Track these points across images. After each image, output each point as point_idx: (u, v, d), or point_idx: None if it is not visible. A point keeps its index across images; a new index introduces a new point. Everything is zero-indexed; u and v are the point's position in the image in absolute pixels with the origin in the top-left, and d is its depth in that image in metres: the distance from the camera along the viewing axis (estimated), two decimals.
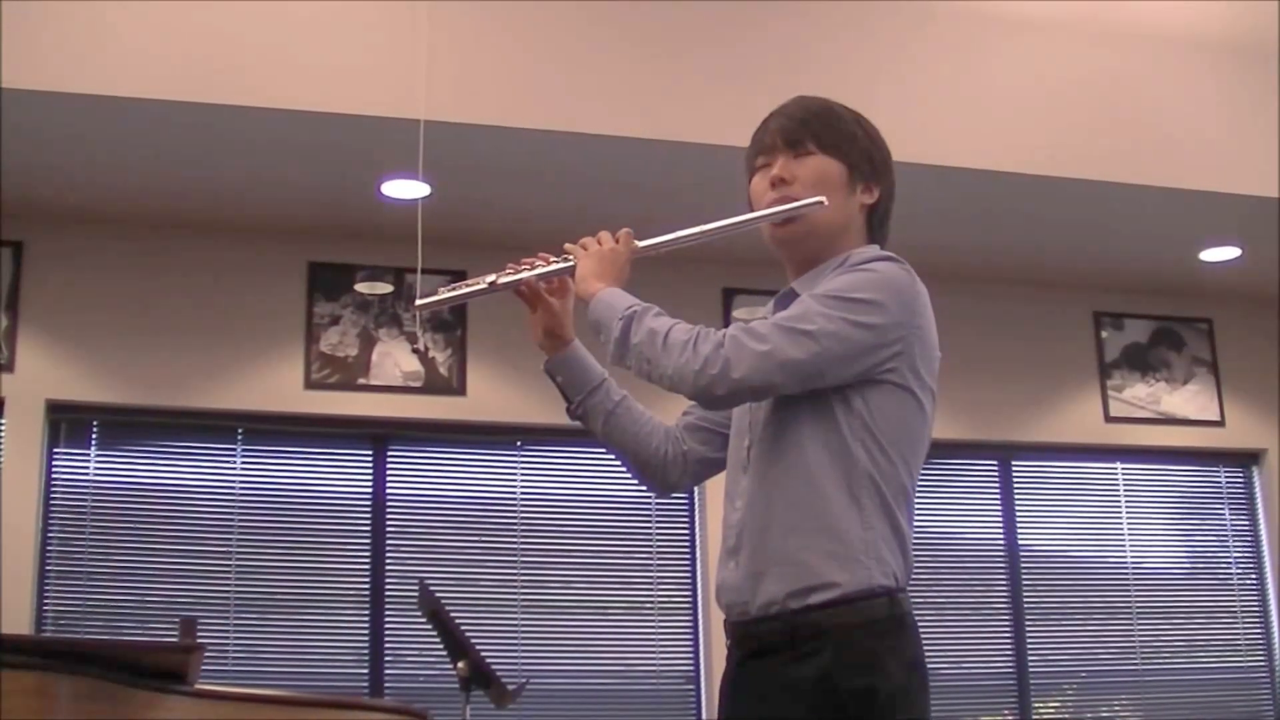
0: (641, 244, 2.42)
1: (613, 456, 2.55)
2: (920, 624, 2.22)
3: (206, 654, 2.41)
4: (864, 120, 2.45)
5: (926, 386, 2.29)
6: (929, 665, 2.21)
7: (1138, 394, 6.94)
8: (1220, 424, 7.00)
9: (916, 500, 2.28)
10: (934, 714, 2.18)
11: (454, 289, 2.44)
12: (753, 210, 2.40)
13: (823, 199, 2.30)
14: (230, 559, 5.77)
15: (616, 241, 2.41)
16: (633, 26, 5.32)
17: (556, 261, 2.41)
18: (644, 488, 2.57)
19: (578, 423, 2.54)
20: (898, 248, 2.39)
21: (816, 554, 2.14)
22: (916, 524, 2.27)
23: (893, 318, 2.20)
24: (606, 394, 2.50)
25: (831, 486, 2.16)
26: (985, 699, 6.47)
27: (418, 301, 2.50)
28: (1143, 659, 6.71)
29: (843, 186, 2.35)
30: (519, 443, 6.16)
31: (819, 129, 2.38)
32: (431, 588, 4.03)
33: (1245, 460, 7.08)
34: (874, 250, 2.33)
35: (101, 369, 5.71)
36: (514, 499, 6.15)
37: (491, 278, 2.40)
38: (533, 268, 2.43)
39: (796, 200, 2.32)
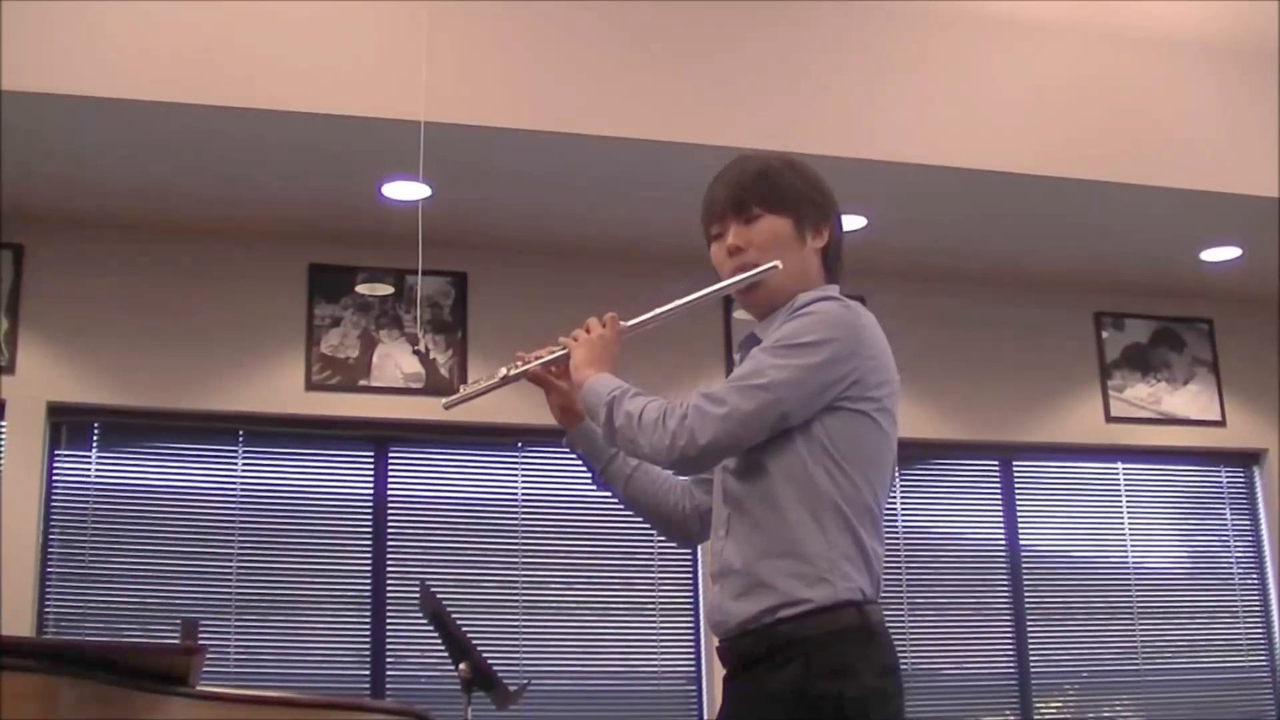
0: (626, 324, 2.59)
1: (645, 531, 2.74)
2: (921, 624, 2.31)
3: (208, 656, 2.41)
4: (800, 167, 2.57)
5: (884, 409, 2.40)
6: (930, 666, 2.26)
7: (1138, 394, 6.94)
8: (1221, 424, 7.01)
9: (917, 500, 2.40)
10: (936, 714, 2.21)
11: (475, 384, 2.65)
12: (719, 275, 2.56)
13: (777, 263, 2.46)
14: (231, 561, 5.77)
15: (604, 325, 2.58)
16: (633, 28, 5.33)
17: (556, 350, 2.62)
18: (674, 544, 2.74)
19: (607, 492, 2.73)
20: (899, 249, 2.42)
21: (785, 576, 2.30)
22: (918, 525, 2.34)
23: (840, 352, 2.34)
24: (624, 460, 2.67)
25: (795, 511, 2.32)
26: (986, 699, 6.46)
27: (443, 401, 2.71)
28: (1144, 659, 6.71)
29: (794, 240, 2.50)
30: (520, 444, 6.16)
31: (762, 191, 2.50)
32: (433, 589, 4.03)
33: (1246, 460, 7.08)
34: (816, 293, 2.44)
35: (102, 371, 5.71)
36: (515, 500, 6.15)
37: (503, 371, 2.63)
38: (539, 358, 2.63)
39: (754, 267, 2.48)
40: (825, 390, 2.32)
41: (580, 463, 2.74)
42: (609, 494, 2.73)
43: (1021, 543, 6.68)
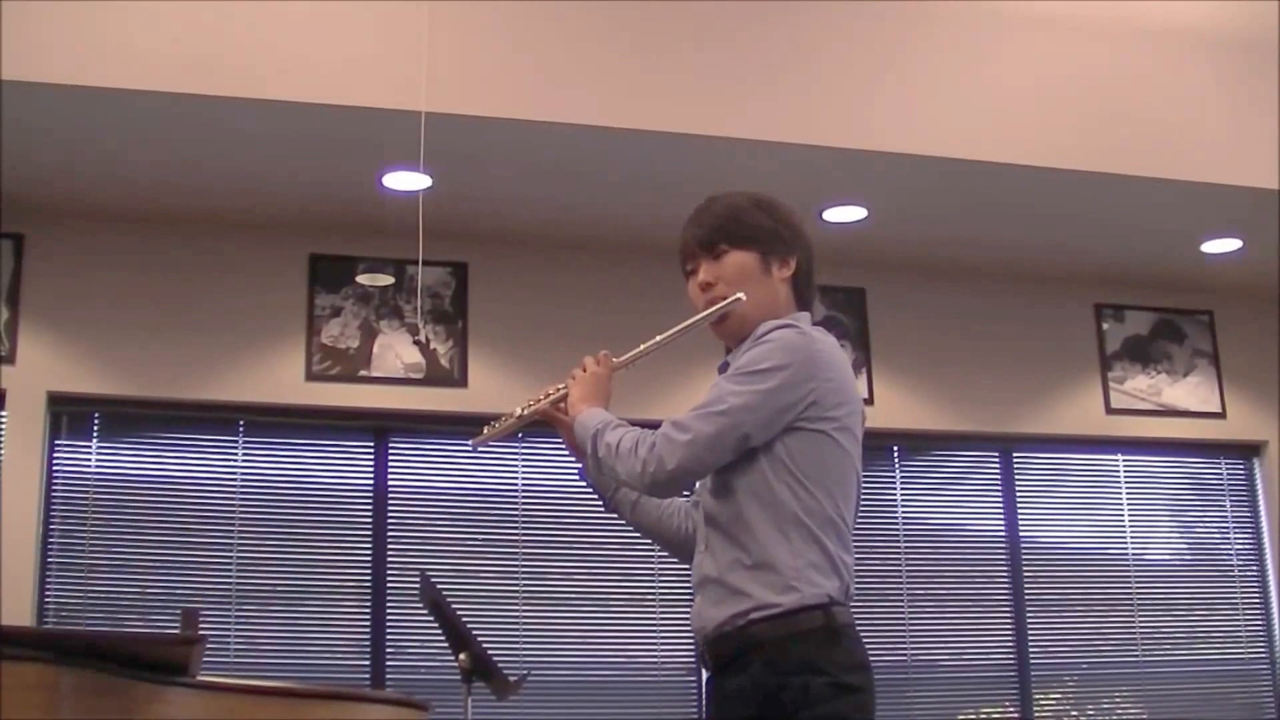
0: (617, 360, 2.78)
1: (646, 539, 2.92)
2: (921, 615, 2.35)
3: (208, 646, 2.41)
4: (766, 203, 2.73)
5: (844, 428, 2.55)
6: (929, 658, 2.31)
7: (1139, 386, 6.94)
8: (1221, 416, 7.01)
9: (917, 492, 2.44)
10: (935, 706, 2.24)
11: (494, 425, 2.87)
12: (696, 309, 2.75)
13: (740, 296, 2.64)
14: (231, 551, 5.77)
15: (598, 363, 2.77)
16: (633, 20, 5.32)
17: (561, 388, 2.80)
18: (681, 563, 2.89)
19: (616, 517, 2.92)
20: (900, 241, 2.45)
21: (756, 585, 2.46)
22: (918, 516, 2.38)
23: (795, 376, 2.50)
24: (628, 489, 2.82)
25: (762, 526, 2.48)
26: (986, 690, 6.46)
27: (471, 442, 2.95)
28: (1144, 650, 6.72)
29: (760, 272, 2.67)
30: (520, 434, 6.14)
31: (728, 229, 2.68)
32: (433, 579, 4.03)
33: (1246, 452, 7.09)
34: (776, 322, 2.60)
35: (103, 361, 5.71)
36: (515, 490, 6.16)
37: (518, 411, 2.85)
38: (547, 396, 2.82)
39: (723, 300, 2.66)
40: (783, 412, 2.49)
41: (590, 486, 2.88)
42: (619, 518, 2.90)
43: (1021, 534, 6.69)
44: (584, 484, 2.89)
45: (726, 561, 2.51)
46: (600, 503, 2.90)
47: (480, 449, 2.94)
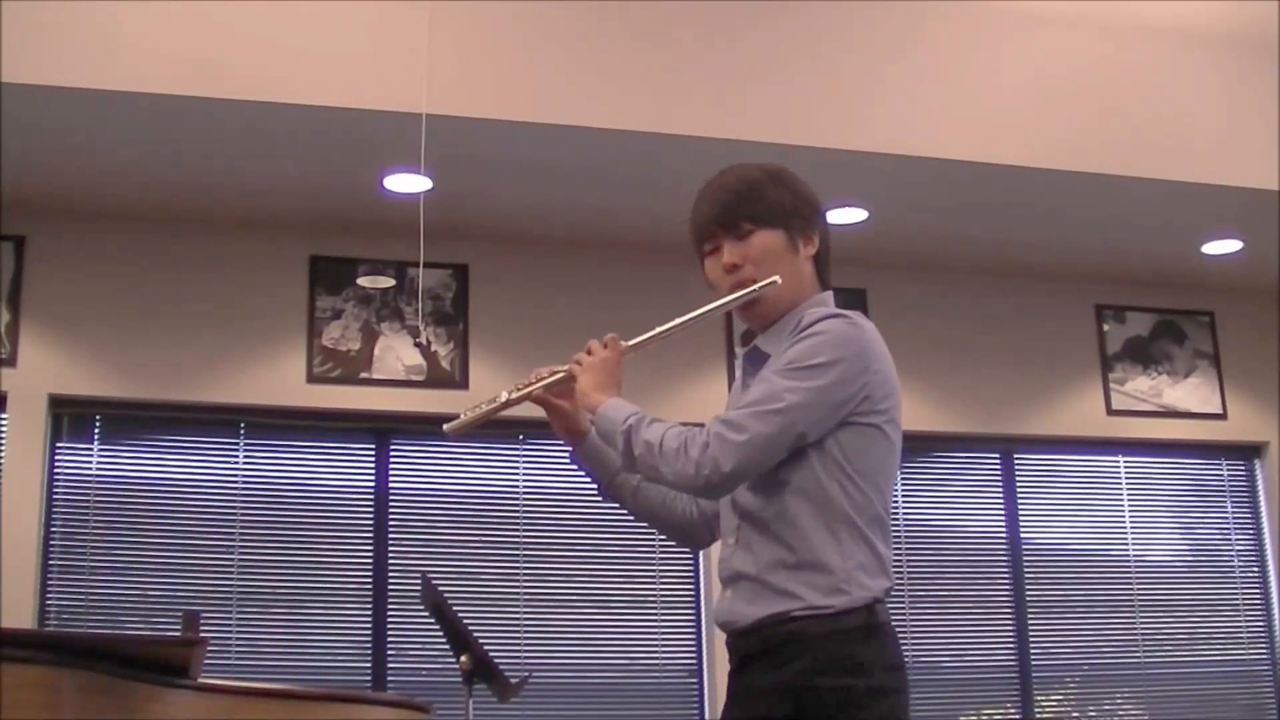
0: (627, 344, 2.63)
1: (648, 526, 2.81)
2: (922, 617, 2.33)
3: (209, 648, 2.41)
4: (782, 176, 2.61)
5: (891, 420, 2.48)
6: (931, 659, 2.30)
7: (1140, 387, 6.94)
8: (1222, 417, 7.00)
9: (918, 493, 2.40)
10: (936, 707, 2.24)
11: (475, 409, 2.68)
12: (713, 288, 2.62)
13: (776, 279, 2.51)
14: (233, 553, 5.77)
15: (605, 347, 2.62)
16: (633, 21, 5.32)
17: (558, 372, 2.65)
18: (682, 548, 2.75)
19: (614, 504, 2.77)
20: (900, 241, 2.44)
21: (801, 585, 2.37)
22: (918, 517, 2.36)
23: (849, 371, 2.41)
24: (629, 473, 2.69)
25: (810, 526, 2.38)
26: (987, 692, 6.46)
27: (445, 426, 2.72)
28: (1145, 652, 6.72)
29: (787, 251, 2.55)
30: (521, 436, 6.16)
31: (750, 207, 2.55)
32: (434, 581, 4.03)
33: (1247, 453, 7.08)
34: (822, 310, 2.50)
35: (104, 363, 5.71)
36: (516, 493, 6.15)
37: (504, 395, 2.66)
38: (541, 380, 2.67)
39: (751, 282, 2.53)
40: (838, 408, 2.39)
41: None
42: (616, 505, 2.77)
43: (1022, 535, 6.68)
44: (578, 470, 2.77)
45: (767, 560, 2.40)
46: (595, 488, 2.78)
47: (456, 436, 2.75)
